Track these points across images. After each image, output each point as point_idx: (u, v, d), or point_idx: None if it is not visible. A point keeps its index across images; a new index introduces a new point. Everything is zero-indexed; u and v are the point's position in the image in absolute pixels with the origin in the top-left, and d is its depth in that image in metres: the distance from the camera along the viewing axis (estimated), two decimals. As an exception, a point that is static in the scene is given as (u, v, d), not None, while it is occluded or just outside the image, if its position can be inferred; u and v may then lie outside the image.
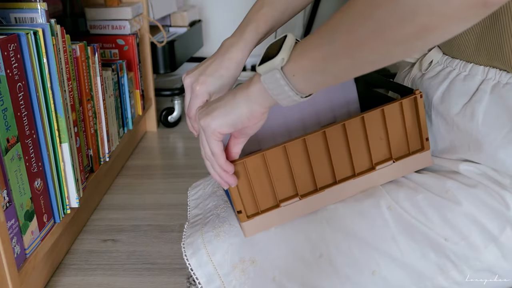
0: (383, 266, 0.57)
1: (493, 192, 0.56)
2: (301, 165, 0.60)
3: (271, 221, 0.61)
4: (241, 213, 0.59)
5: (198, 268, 0.62)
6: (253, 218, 0.60)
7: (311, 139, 0.59)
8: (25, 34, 0.81)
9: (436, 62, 0.64)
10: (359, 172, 0.62)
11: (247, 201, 0.60)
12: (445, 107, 0.60)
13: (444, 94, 0.61)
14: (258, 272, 0.60)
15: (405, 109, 0.60)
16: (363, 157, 0.61)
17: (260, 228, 0.61)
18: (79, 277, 0.96)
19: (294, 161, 0.59)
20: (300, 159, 0.59)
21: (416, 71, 0.68)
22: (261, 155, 0.58)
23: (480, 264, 0.56)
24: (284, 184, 0.60)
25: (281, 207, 0.60)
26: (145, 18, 1.63)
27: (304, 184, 0.61)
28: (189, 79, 0.65)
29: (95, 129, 1.17)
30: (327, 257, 0.59)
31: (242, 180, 0.58)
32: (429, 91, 0.63)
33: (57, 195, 0.93)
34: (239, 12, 2.52)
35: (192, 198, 0.76)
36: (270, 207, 0.61)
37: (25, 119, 0.82)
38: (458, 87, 0.59)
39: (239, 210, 0.59)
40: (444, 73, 0.62)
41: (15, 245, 0.79)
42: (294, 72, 0.47)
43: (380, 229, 0.58)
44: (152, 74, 1.75)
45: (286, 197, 0.61)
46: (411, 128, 0.61)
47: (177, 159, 1.54)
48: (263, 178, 0.59)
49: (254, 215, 0.60)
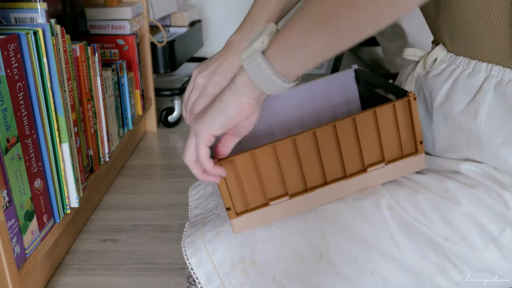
0: (383, 266, 0.57)
1: (493, 192, 0.56)
2: (291, 164, 0.60)
3: (260, 219, 0.61)
4: (230, 210, 0.60)
5: (198, 268, 0.62)
6: (242, 216, 0.61)
7: (301, 139, 0.58)
8: (25, 34, 0.81)
9: (440, 60, 0.64)
10: (350, 174, 0.61)
11: (237, 199, 0.60)
12: (448, 105, 0.60)
13: (448, 92, 0.61)
14: (258, 272, 0.60)
15: (398, 111, 0.60)
16: (354, 159, 0.61)
17: (249, 225, 0.61)
18: (79, 277, 0.96)
19: (283, 160, 0.59)
20: (290, 159, 0.59)
21: (420, 69, 0.67)
22: (251, 153, 0.58)
23: (480, 265, 0.56)
24: (274, 183, 0.60)
25: (271, 206, 0.61)
26: (145, 18, 1.63)
27: (294, 184, 0.61)
28: (202, 79, 0.66)
29: (95, 129, 1.17)
30: (327, 257, 0.59)
31: (231, 178, 0.59)
32: (433, 89, 0.63)
33: (57, 195, 0.93)
34: (239, 12, 2.51)
35: (193, 198, 0.76)
36: (260, 205, 0.61)
37: (25, 119, 0.82)
38: (461, 85, 0.59)
39: (228, 207, 0.60)
40: (448, 71, 0.62)
41: (15, 245, 0.79)
42: (275, 55, 0.48)
43: (380, 229, 0.58)
44: (152, 74, 1.75)
45: (275, 196, 0.61)
46: (404, 130, 0.61)
47: (177, 159, 1.54)
48: (252, 176, 0.59)
49: (244, 212, 0.61)
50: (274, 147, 0.58)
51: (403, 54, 0.71)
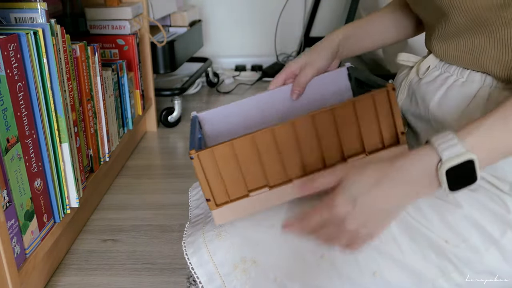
0: (384, 267, 0.57)
1: (493, 195, 0.56)
2: (270, 155, 0.59)
3: (240, 210, 0.61)
4: (209, 201, 0.60)
5: (199, 267, 0.62)
6: (223, 207, 0.60)
7: (280, 130, 0.58)
8: (25, 34, 0.81)
9: (434, 67, 0.64)
10: (330, 164, 0.61)
11: (216, 190, 0.60)
12: (442, 112, 0.61)
13: (441, 100, 0.61)
14: (259, 272, 0.60)
15: (378, 103, 0.59)
16: (334, 150, 0.61)
17: (230, 216, 0.61)
18: (79, 277, 0.96)
19: (263, 151, 0.59)
20: (269, 150, 0.59)
21: (413, 75, 0.68)
22: (229, 144, 0.58)
23: (481, 267, 0.56)
24: (254, 174, 0.60)
25: (250, 197, 0.60)
26: (145, 18, 1.63)
27: (273, 175, 0.60)
28: None
29: (95, 129, 1.17)
30: (329, 258, 0.59)
31: (210, 169, 0.59)
32: (426, 96, 0.64)
33: (57, 195, 0.93)
34: (239, 12, 2.52)
35: (193, 198, 0.76)
36: (240, 196, 0.61)
37: (25, 119, 0.82)
38: (455, 93, 0.60)
39: (207, 198, 0.60)
40: (441, 78, 0.63)
41: (15, 245, 0.79)
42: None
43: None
44: (152, 74, 1.75)
45: (255, 187, 0.60)
46: (385, 122, 0.60)
47: (177, 159, 1.54)
48: (231, 167, 0.59)
49: (224, 203, 0.61)
50: (253, 137, 0.58)
51: (397, 59, 0.71)
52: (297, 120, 0.58)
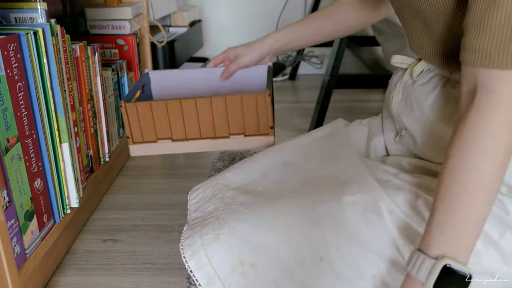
0: (383, 270, 0.57)
1: None
2: (177, 119, 0.86)
3: (150, 150, 0.89)
4: (128, 138, 0.90)
5: (198, 270, 0.62)
6: (137, 145, 0.90)
7: (185, 102, 0.84)
8: (25, 34, 0.81)
9: (427, 69, 0.65)
10: (218, 136, 0.87)
11: (135, 132, 0.89)
12: (436, 114, 0.61)
13: (434, 101, 0.61)
14: (258, 275, 0.60)
15: (258, 101, 0.84)
16: (223, 126, 0.86)
17: (141, 152, 0.90)
18: (79, 277, 0.96)
19: (171, 114, 0.86)
20: (176, 114, 0.85)
21: (407, 77, 0.68)
22: (149, 103, 0.86)
23: (480, 268, 0.56)
24: (163, 128, 0.87)
25: (158, 143, 0.89)
26: (145, 18, 1.63)
27: (177, 132, 0.87)
28: None
29: (95, 129, 1.17)
30: (328, 261, 0.58)
31: (133, 117, 0.87)
32: (420, 98, 0.64)
33: (57, 195, 0.93)
34: (239, 12, 2.52)
35: (192, 202, 0.76)
36: (151, 140, 0.89)
37: (25, 119, 0.82)
38: (448, 94, 0.60)
39: (127, 136, 0.90)
40: (435, 80, 0.63)
41: (15, 245, 0.79)
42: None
43: (381, 233, 0.58)
44: (152, 74, 1.74)
45: (163, 137, 0.88)
46: (263, 116, 0.85)
47: (177, 159, 1.54)
48: (148, 119, 0.87)
49: (138, 143, 0.89)
50: (166, 103, 0.84)
51: (391, 61, 0.71)
52: (199, 98, 0.84)
